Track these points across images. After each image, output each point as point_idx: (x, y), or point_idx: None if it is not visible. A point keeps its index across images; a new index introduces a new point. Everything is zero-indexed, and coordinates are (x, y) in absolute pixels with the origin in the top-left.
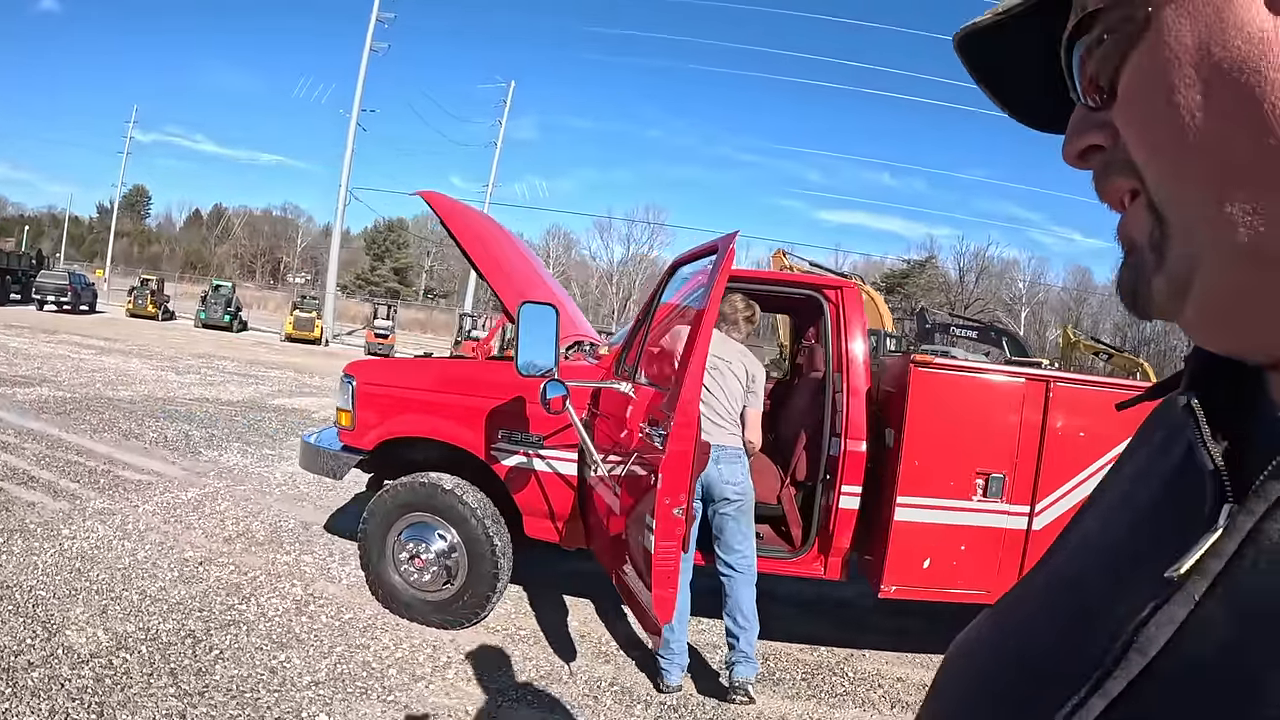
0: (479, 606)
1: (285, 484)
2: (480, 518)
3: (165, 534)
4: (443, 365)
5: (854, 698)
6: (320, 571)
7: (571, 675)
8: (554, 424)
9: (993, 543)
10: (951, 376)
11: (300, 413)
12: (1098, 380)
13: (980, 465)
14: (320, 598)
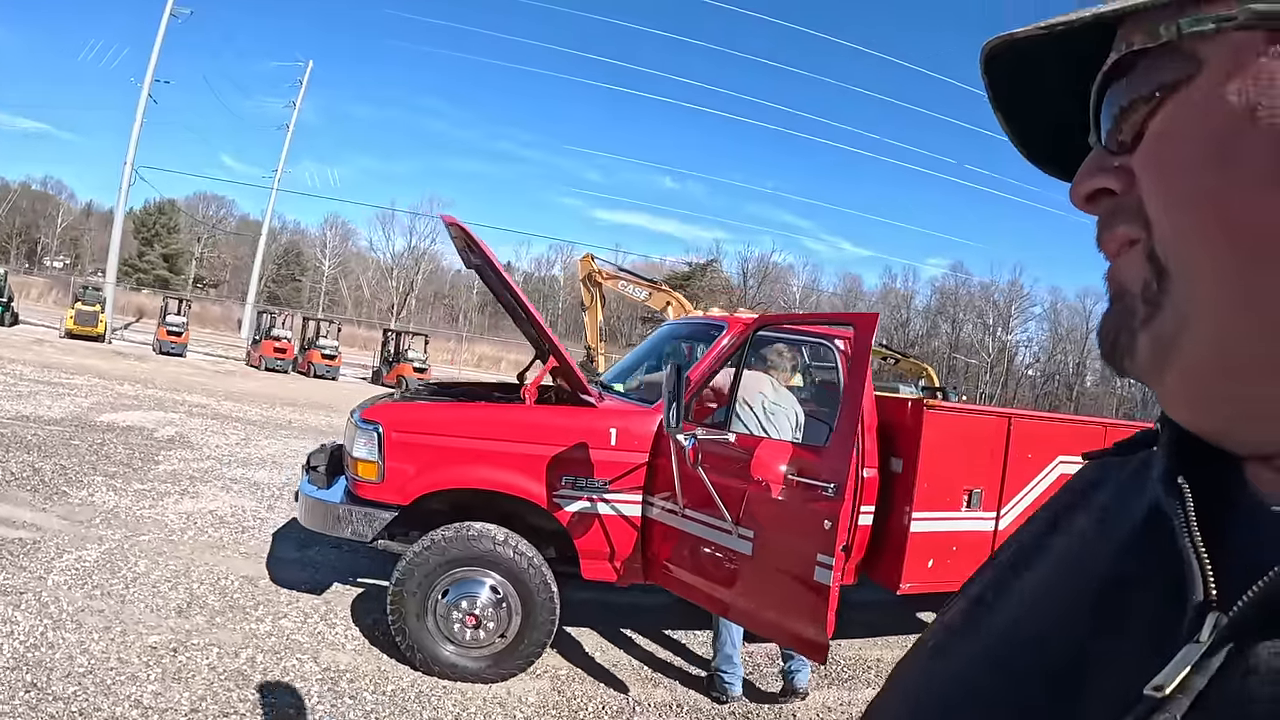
0: (534, 655)
1: (187, 528)
2: (537, 566)
3: (103, 615)
4: (493, 412)
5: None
6: (315, 638)
7: (639, 705)
8: (617, 469)
9: (974, 542)
10: (950, 416)
11: (139, 431)
12: (1043, 415)
13: (966, 483)
14: (343, 671)
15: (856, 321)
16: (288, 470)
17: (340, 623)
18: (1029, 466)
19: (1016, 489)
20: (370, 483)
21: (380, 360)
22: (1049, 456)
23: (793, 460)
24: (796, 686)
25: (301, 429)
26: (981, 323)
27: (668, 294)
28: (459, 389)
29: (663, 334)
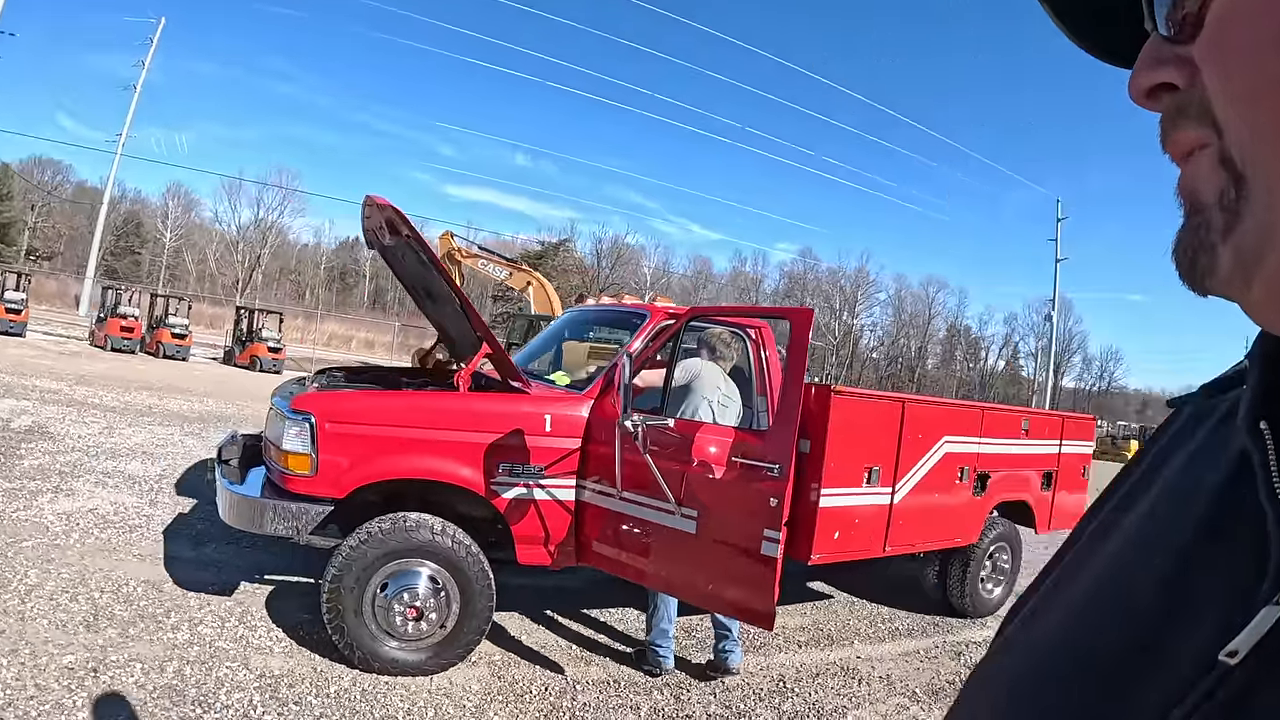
0: (474, 644)
1: (70, 530)
2: (475, 554)
3: (4, 636)
4: (430, 400)
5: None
6: (240, 644)
7: (578, 684)
8: (552, 455)
9: (874, 515)
10: (853, 401)
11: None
12: (932, 400)
13: (866, 462)
14: (279, 676)
15: (792, 316)
16: (162, 461)
17: (261, 624)
18: (919, 446)
19: (909, 466)
20: (302, 476)
21: (233, 340)
22: (936, 436)
23: (736, 444)
24: (730, 666)
25: (164, 415)
26: (829, 307)
27: (528, 274)
28: (370, 374)
29: (569, 319)
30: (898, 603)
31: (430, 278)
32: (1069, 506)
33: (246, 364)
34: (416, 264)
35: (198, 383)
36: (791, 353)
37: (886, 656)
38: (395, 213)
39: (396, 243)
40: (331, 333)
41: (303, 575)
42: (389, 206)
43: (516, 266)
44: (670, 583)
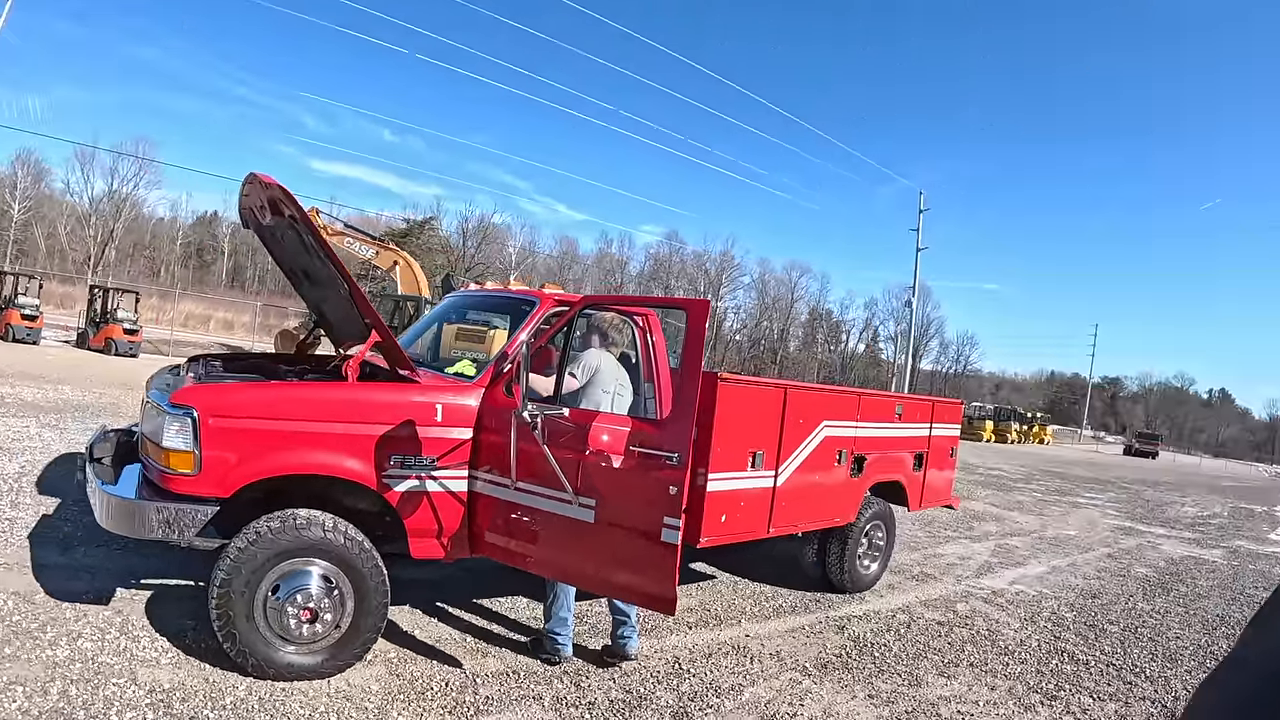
0: (371, 642)
1: None
2: (368, 550)
3: None
4: (319, 392)
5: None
6: (124, 657)
7: (478, 677)
8: (444, 446)
9: (757, 497)
10: (738, 388)
11: None
12: (812, 386)
13: (750, 446)
14: (170, 690)
15: (689, 307)
16: (20, 457)
17: (144, 634)
18: (801, 430)
19: (791, 449)
20: (185, 475)
21: (86, 321)
22: (817, 420)
23: (634, 433)
24: (629, 652)
25: (17, 405)
26: (694, 289)
27: (395, 252)
28: (248, 363)
29: (454, 304)
30: (779, 581)
31: (312, 261)
32: (939, 485)
33: (101, 347)
34: (298, 245)
35: (51, 368)
36: (689, 344)
37: (774, 634)
38: (281, 191)
39: (277, 223)
40: (189, 312)
41: (181, 578)
42: (274, 185)
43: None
44: (568, 571)
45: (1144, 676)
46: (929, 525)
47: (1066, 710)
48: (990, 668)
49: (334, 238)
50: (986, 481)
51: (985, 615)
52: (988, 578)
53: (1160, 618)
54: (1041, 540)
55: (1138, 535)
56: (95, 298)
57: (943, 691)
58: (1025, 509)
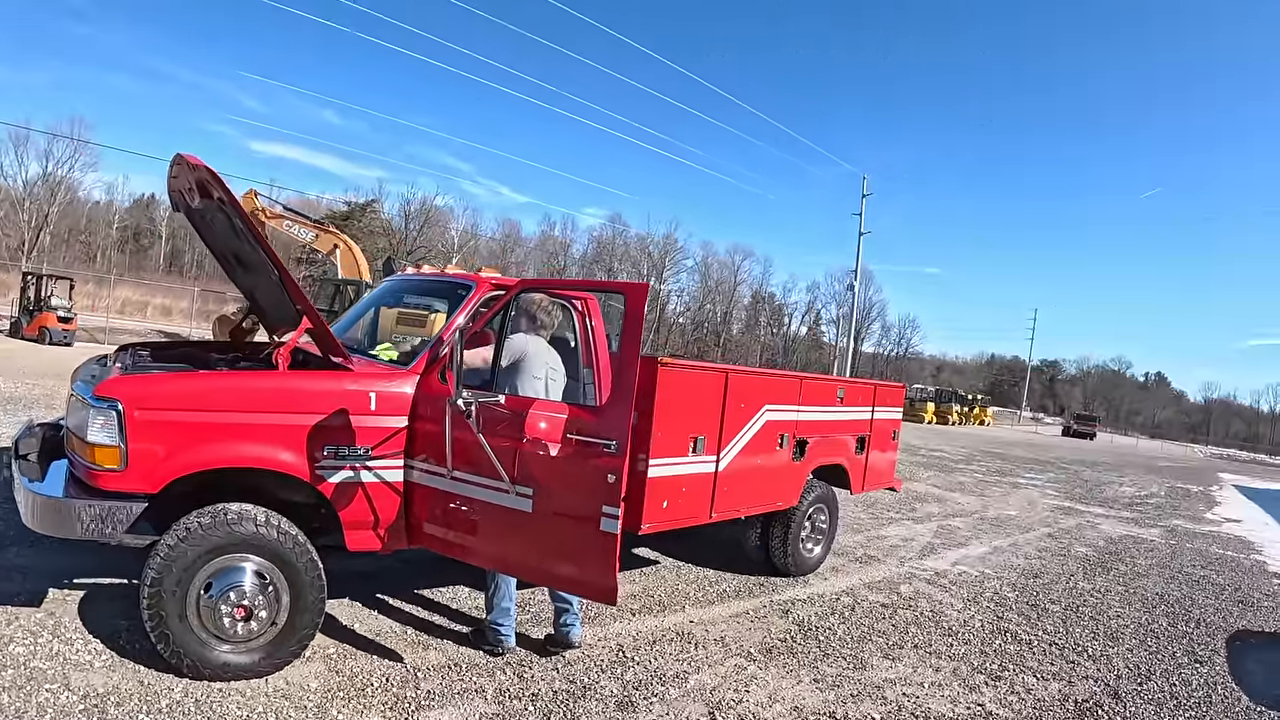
0: (308, 638)
1: None
2: (302, 544)
3: None
4: (248, 381)
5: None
6: (57, 661)
7: (420, 671)
8: (378, 435)
9: (700, 482)
10: (679, 372)
11: None
12: (754, 371)
13: (691, 431)
14: (104, 695)
15: (628, 290)
16: None
17: (77, 637)
18: (742, 414)
19: (733, 434)
20: (111, 471)
21: (19, 309)
22: (758, 405)
23: (571, 420)
24: (572, 640)
25: None
26: (637, 272)
27: (336, 236)
28: (177, 351)
29: (388, 287)
30: (724, 565)
31: (243, 245)
32: (881, 467)
33: (35, 336)
34: (228, 229)
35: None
36: (626, 328)
37: (718, 619)
38: (209, 173)
39: (206, 206)
40: (125, 299)
41: (114, 576)
42: (202, 166)
43: (323, 228)
44: (508, 562)
45: (1086, 655)
46: (872, 507)
47: (1011, 690)
48: (934, 649)
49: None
50: (928, 463)
51: (929, 596)
52: (930, 559)
53: (1101, 596)
54: (983, 521)
55: (1077, 515)
56: (28, 285)
57: (888, 674)
58: (967, 490)
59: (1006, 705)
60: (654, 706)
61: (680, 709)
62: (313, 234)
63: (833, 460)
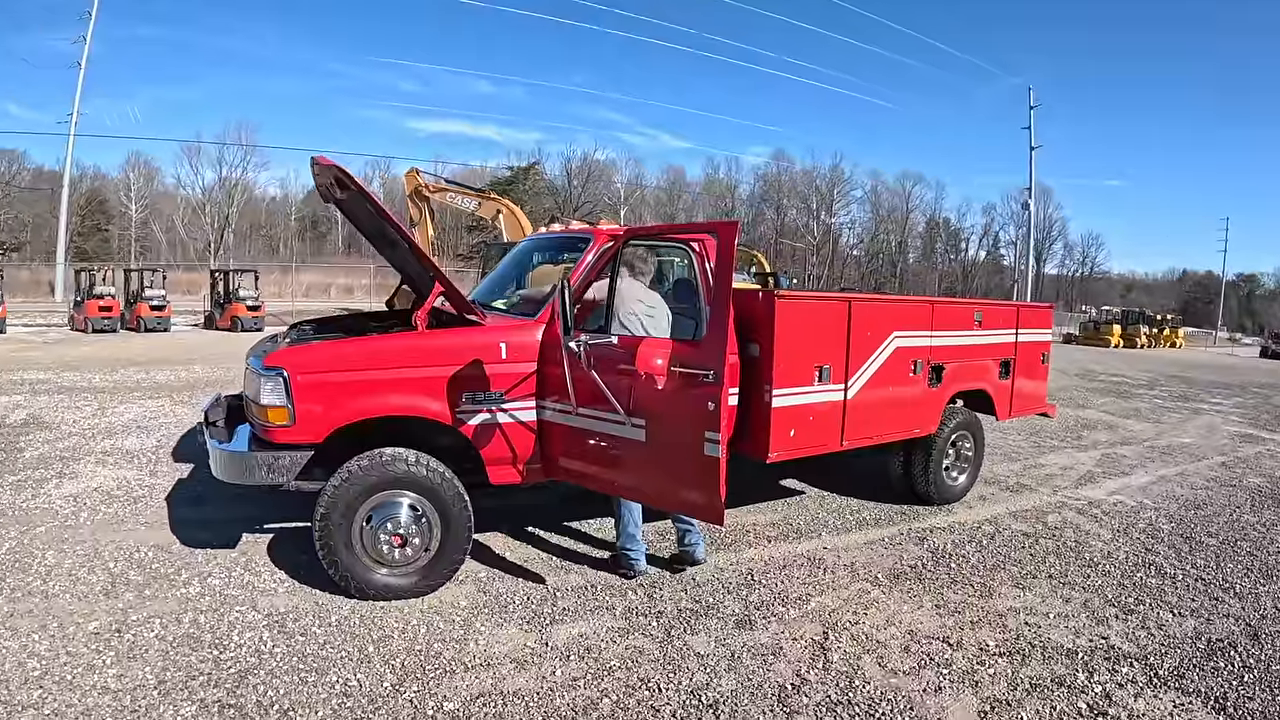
0: (458, 563)
1: (79, 510)
2: (449, 480)
3: (33, 615)
4: (391, 342)
5: (742, 543)
6: (247, 589)
7: (558, 591)
8: (511, 380)
9: (827, 411)
10: (797, 303)
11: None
12: (879, 297)
13: (816, 360)
14: (285, 613)
15: (719, 229)
16: (157, 433)
17: (264, 570)
18: (869, 342)
19: (860, 362)
20: (282, 427)
21: (211, 303)
22: (886, 333)
23: (673, 354)
24: (697, 557)
25: (153, 388)
26: (806, 207)
27: (497, 201)
28: (339, 324)
29: (526, 247)
30: (868, 495)
31: (384, 225)
32: (1029, 392)
33: (228, 326)
34: (369, 214)
35: (182, 352)
36: (718, 265)
37: (852, 545)
38: (340, 171)
39: (349, 196)
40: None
41: (297, 521)
42: (334, 166)
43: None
44: (629, 488)
45: (1232, 593)
46: (1035, 435)
47: (1141, 625)
48: (1069, 580)
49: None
50: (1105, 389)
51: (1076, 527)
52: (1087, 488)
53: (1265, 531)
54: (1153, 449)
55: (1259, 443)
56: (217, 281)
57: (1013, 603)
58: (1141, 416)
59: (1132, 640)
60: (770, 625)
61: (796, 629)
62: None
63: (973, 386)
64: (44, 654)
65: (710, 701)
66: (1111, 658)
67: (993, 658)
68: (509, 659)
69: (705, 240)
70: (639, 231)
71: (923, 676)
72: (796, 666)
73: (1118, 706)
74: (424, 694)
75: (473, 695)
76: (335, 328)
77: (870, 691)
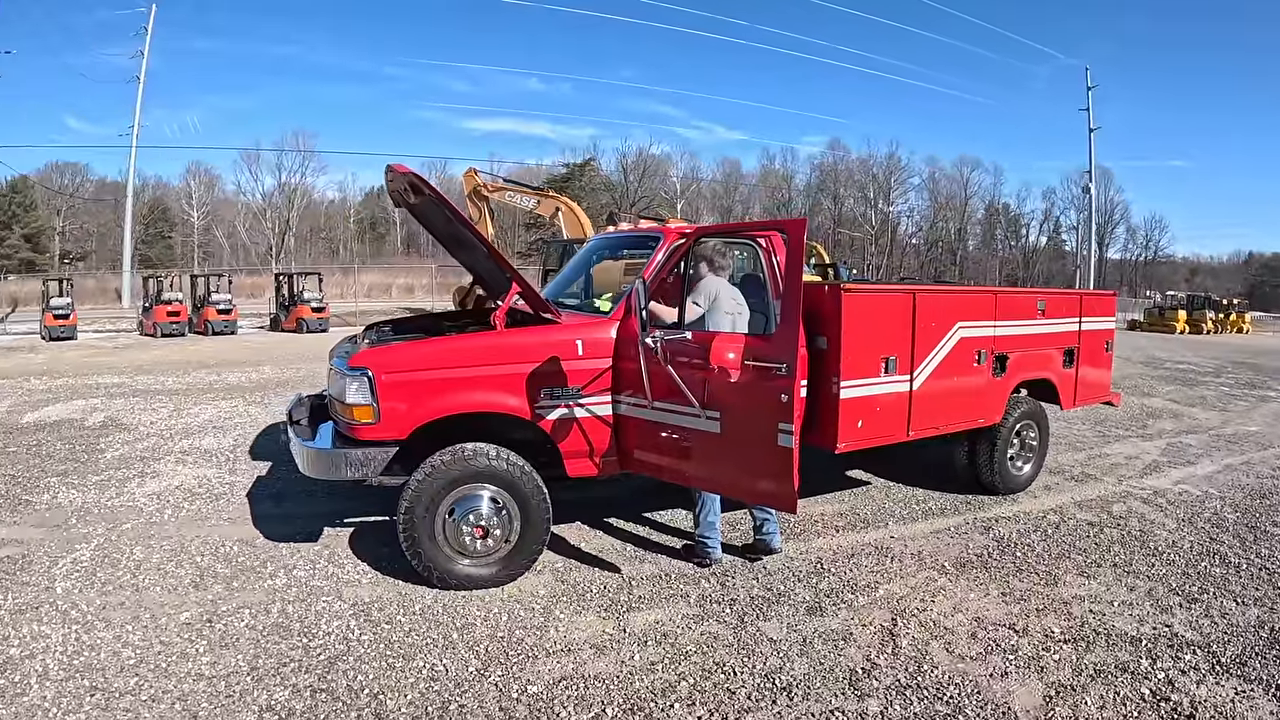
0: (536, 553)
1: (163, 508)
2: (529, 473)
3: (125, 607)
4: (471, 341)
5: (810, 532)
6: (332, 580)
7: (634, 580)
8: (587, 376)
9: (893, 402)
10: (864, 296)
11: (69, 424)
12: (943, 288)
13: (882, 352)
14: (370, 603)
15: (788, 227)
16: (233, 433)
17: (347, 561)
18: (934, 333)
19: (925, 352)
20: (367, 424)
21: (276, 306)
22: (950, 323)
23: (748, 348)
24: (773, 546)
25: (225, 390)
26: (863, 196)
27: (556, 199)
28: (415, 324)
29: (595, 245)
30: (933, 486)
31: (456, 228)
32: (1094, 381)
33: (293, 328)
34: (442, 217)
35: (250, 354)
36: (788, 260)
37: (919, 535)
38: (415, 177)
39: (421, 200)
40: (370, 283)
41: (376, 515)
42: (409, 173)
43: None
44: (704, 479)
45: None
46: (1100, 424)
47: (1205, 614)
48: (1134, 568)
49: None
50: (1170, 376)
51: (1141, 516)
52: (1152, 477)
53: None
54: (1218, 438)
55: None
56: (281, 284)
57: (1078, 591)
58: (1207, 404)
59: (1195, 628)
60: (840, 612)
61: (865, 615)
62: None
63: (1037, 375)
64: (138, 643)
65: (784, 685)
66: (1175, 645)
67: (1058, 644)
68: (588, 644)
69: (771, 236)
70: (709, 230)
71: (989, 662)
72: (866, 651)
73: (1180, 693)
74: (508, 678)
75: (555, 679)
76: (412, 328)
77: (938, 676)
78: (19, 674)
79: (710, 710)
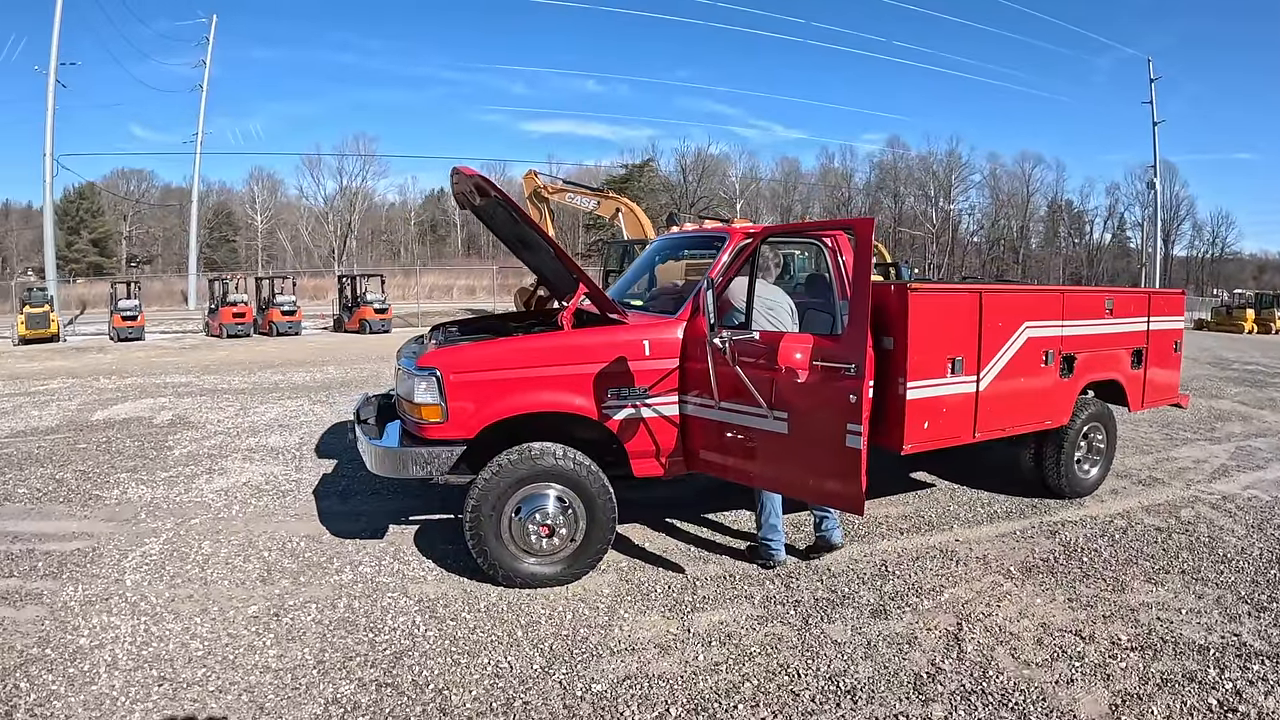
0: (602, 553)
1: (230, 504)
2: (595, 472)
3: (193, 600)
4: (539, 341)
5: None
6: (397, 577)
7: (698, 580)
8: (654, 376)
9: (960, 403)
10: (931, 296)
11: (139, 422)
12: (1009, 287)
13: (948, 352)
14: (435, 599)
15: (856, 225)
16: (298, 431)
17: (413, 559)
18: (1000, 333)
19: (992, 353)
20: (435, 424)
21: (339, 307)
22: (1017, 323)
23: (816, 348)
24: (834, 542)
25: (291, 389)
26: (923, 194)
27: (616, 200)
28: (481, 324)
29: (658, 246)
30: (998, 489)
31: (522, 229)
32: (1162, 382)
33: (356, 329)
34: (507, 219)
35: (314, 354)
36: (857, 260)
37: (984, 538)
38: (481, 179)
39: (487, 202)
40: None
41: (441, 513)
42: (475, 175)
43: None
44: (770, 479)
45: None
46: (1167, 427)
47: (1275, 623)
48: (1203, 575)
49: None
50: (1239, 378)
51: (1210, 521)
52: (1220, 482)
53: None
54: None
55: None
56: (344, 286)
57: (1145, 598)
58: (1277, 407)
59: (1264, 638)
60: (905, 615)
61: (930, 619)
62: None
63: (1106, 376)
64: (206, 635)
65: (848, 688)
66: (1243, 654)
67: (1124, 652)
68: (653, 644)
69: (838, 235)
70: (775, 229)
71: (1055, 668)
72: (931, 656)
73: (1248, 703)
74: (572, 676)
75: (619, 678)
76: (478, 329)
77: (1004, 682)
78: (88, 663)
79: (774, 712)
